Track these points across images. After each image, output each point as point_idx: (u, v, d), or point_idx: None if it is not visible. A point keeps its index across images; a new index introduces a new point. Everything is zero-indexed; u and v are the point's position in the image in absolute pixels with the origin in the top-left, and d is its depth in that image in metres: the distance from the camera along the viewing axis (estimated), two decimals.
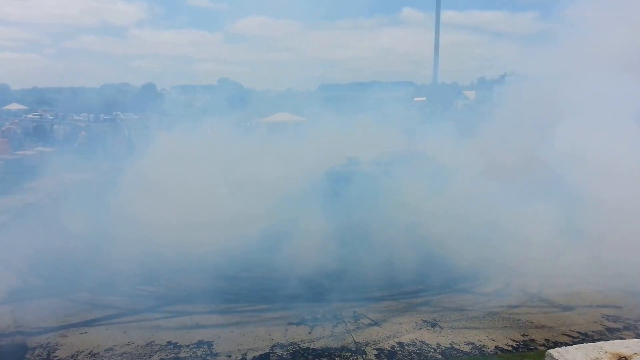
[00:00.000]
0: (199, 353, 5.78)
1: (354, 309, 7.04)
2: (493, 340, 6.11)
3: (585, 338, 6.12)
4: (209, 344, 6.00)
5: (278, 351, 5.84)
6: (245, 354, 5.76)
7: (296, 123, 24.29)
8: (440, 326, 6.53)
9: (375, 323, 6.60)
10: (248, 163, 12.80)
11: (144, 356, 5.70)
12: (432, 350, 5.88)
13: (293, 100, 28.11)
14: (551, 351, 3.86)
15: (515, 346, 5.98)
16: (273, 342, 6.04)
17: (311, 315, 6.84)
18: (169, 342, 6.04)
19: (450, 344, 6.01)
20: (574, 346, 3.92)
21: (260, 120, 27.58)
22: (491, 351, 5.86)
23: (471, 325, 6.56)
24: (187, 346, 5.95)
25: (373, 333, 6.31)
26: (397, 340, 6.12)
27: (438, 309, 7.12)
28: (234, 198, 10.92)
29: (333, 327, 6.47)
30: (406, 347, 5.94)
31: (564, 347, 3.91)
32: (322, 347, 5.92)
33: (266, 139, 19.22)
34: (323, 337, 6.18)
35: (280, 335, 6.25)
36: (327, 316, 6.81)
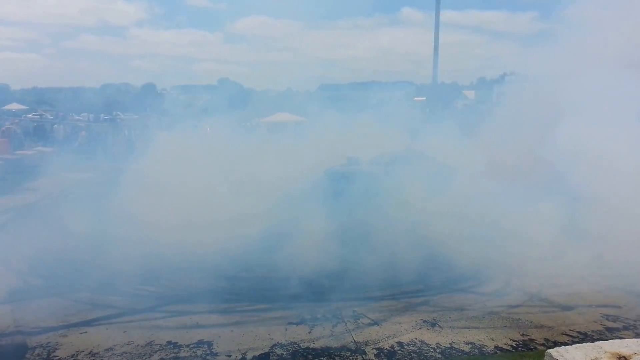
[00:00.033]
0: (199, 353, 5.79)
1: (354, 309, 7.04)
2: (492, 339, 6.12)
3: (584, 338, 6.12)
4: (209, 344, 6.00)
5: (278, 351, 5.84)
6: (245, 354, 5.77)
7: (296, 123, 24.30)
8: (440, 326, 6.53)
9: (375, 323, 6.61)
10: (248, 163, 12.82)
11: (144, 356, 5.71)
12: (432, 349, 5.89)
13: (293, 100, 28.12)
14: (551, 351, 3.86)
15: (514, 346, 5.99)
16: (273, 342, 6.05)
17: (311, 314, 6.84)
18: (169, 342, 6.04)
19: (449, 344, 6.02)
20: (574, 346, 3.92)
21: (260, 120, 27.58)
22: (491, 351, 5.86)
23: (471, 324, 6.56)
24: (187, 346, 5.95)
25: (373, 333, 6.32)
26: (397, 339, 6.13)
27: (438, 309, 7.12)
28: (234, 198, 10.94)
29: (333, 327, 6.47)
30: (406, 347, 5.94)
31: (564, 347, 3.91)
32: (322, 347, 5.93)
33: (266, 139, 19.20)
34: (323, 337, 6.19)
35: (280, 334, 6.26)
36: (327, 316, 6.82)
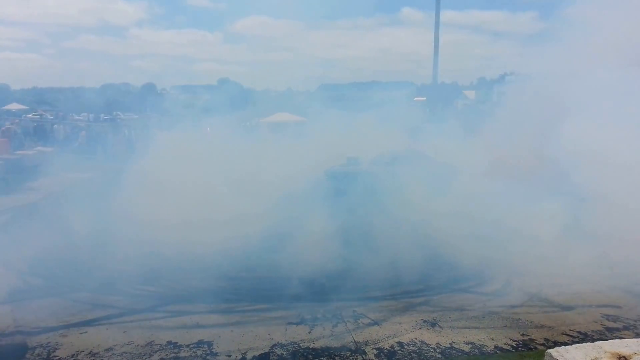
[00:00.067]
0: (199, 353, 5.79)
1: (354, 309, 7.04)
2: (493, 339, 6.12)
3: (584, 338, 6.11)
4: (209, 344, 6.00)
5: (278, 351, 5.84)
6: (245, 354, 5.77)
7: (296, 123, 24.29)
8: (440, 326, 6.53)
9: (375, 322, 6.61)
10: (248, 163, 12.81)
11: (144, 356, 5.71)
12: (432, 349, 5.89)
13: (293, 100, 28.16)
14: (550, 351, 3.85)
15: (514, 346, 5.98)
16: (273, 342, 6.05)
17: (311, 314, 6.84)
18: (169, 342, 6.04)
19: (449, 344, 6.02)
20: (574, 346, 3.91)
21: (260, 120, 27.58)
22: (491, 351, 5.86)
23: (471, 324, 6.56)
24: (187, 346, 5.96)
25: (373, 332, 6.32)
26: (397, 339, 6.12)
27: (438, 309, 7.12)
28: (234, 198, 10.93)
29: (333, 327, 6.47)
30: (406, 347, 5.94)
31: (564, 347, 3.90)
32: (322, 347, 5.93)
33: (266, 139, 19.20)
34: (323, 337, 6.19)
35: (280, 334, 6.26)
36: (327, 316, 6.82)
